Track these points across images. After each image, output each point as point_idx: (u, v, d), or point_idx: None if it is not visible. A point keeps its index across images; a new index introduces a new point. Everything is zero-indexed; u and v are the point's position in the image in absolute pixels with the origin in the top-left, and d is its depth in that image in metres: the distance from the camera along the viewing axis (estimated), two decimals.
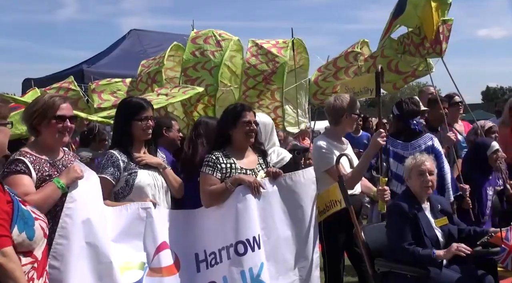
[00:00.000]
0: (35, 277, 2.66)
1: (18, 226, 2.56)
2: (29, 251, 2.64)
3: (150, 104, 4.14)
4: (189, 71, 6.77)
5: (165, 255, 3.80)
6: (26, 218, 2.62)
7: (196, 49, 6.86)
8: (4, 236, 2.47)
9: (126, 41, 13.27)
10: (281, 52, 7.01)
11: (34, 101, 3.44)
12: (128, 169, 3.91)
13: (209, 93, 6.68)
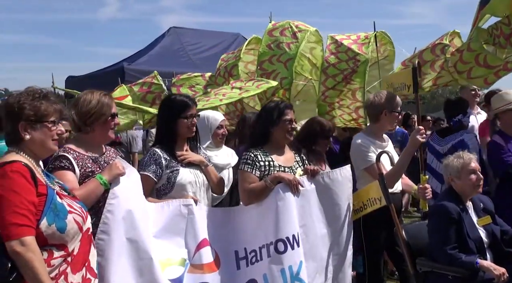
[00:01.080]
0: (69, 271, 2.70)
1: (47, 218, 2.61)
2: (62, 244, 2.69)
3: (194, 101, 4.16)
4: (265, 64, 6.60)
5: (205, 252, 3.82)
6: (58, 210, 2.66)
7: (272, 41, 6.67)
8: (25, 226, 2.52)
9: (166, 38, 13.42)
10: (362, 49, 6.65)
11: (84, 100, 3.48)
12: (170, 167, 3.94)
13: (283, 86, 6.45)
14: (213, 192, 4.26)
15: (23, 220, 2.52)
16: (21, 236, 2.50)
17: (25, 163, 2.65)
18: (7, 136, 2.79)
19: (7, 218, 2.50)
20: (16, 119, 2.71)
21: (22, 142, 2.73)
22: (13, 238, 2.49)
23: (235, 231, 4.06)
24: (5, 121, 2.75)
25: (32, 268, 2.50)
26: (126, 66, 11.51)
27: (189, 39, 13.57)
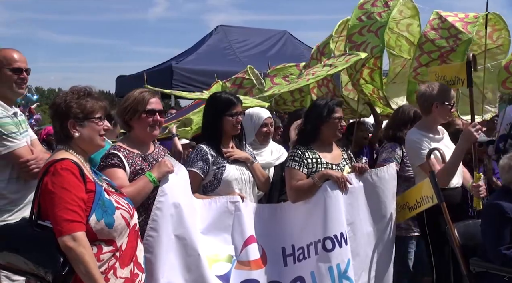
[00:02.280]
0: (118, 266, 2.76)
1: (96, 214, 2.68)
2: (110, 240, 2.75)
3: (239, 99, 4.17)
4: (355, 36, 6.28)
5: (252, 248, 3.84)
6: (106, 207, 2.73)
7: (363, 13, 6.32)
8: (76, 222, 2.59)
9: (213, 37, 13.53)
10: (467, 28, 6.00)
11: (126, 97, 3.57)
12: (217, 163, 3.97)
13: (374, 55, 6.05)
14: (259, 190, 4.27)
15: (74, 216, 2.59)
16: (72, 232, 2.57)
17: (74, 161, 2.72)
18: (56, 135, 2.88)
19: (59, 215, 2.58)
20: (64, 118, 2.78)
21: (71, 140, 2.81)
22: (65, 233, 2.56)
23: (282, 228, 4.06)
24: (54, 121, 2.84)
25: (83, 263, 2.57)
26: (174, 65, 11.66)
27: (236, 37, 13.63)
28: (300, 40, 14.75)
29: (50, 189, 2.62)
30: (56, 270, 2.55)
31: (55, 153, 2.83)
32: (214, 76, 11.50)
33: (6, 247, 2.63)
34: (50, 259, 2.56)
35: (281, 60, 12.72)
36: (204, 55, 12.66)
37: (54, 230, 2.59)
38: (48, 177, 2.65)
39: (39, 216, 2.68)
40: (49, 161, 2.73)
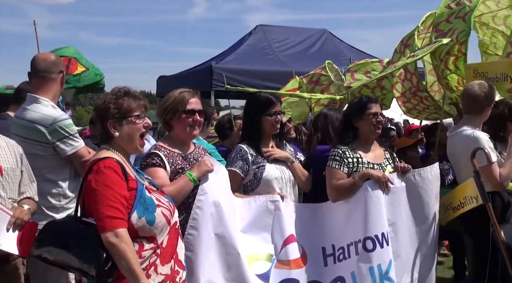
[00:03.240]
0: (158, 263, 2.81)
1: (137, 211, 2.73)
2: (151, 237, 2.80)
3: (279, 98, 4.16)
4: (441, 25, 5.94)
5: (292, 248, 3.83)
6: (147, 204, 2.78)
7: (451, 1, 6.02)
8: (118, 219, 2.65)
9: (252, 36, 13.54)
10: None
11: (166, 97, 3.62)
12: (256, 163, 3.97)
13: (459, 40, 5.64)
14: (300, 189, 4.24)
15: (116, 213, 2.65)
16: (115, 228, 2.63)
17: (116, 159, 2.79)
18: (99, 136, 2.98)
19: (102, 211, 2.65)
20: (104, 119, 2.87)
21: (112, 139, 2.88)
22: (108, 230, 2.62)
23: (323, 227, 4.03)
24: (96, 122, 2.96)
25: (126, 258, 2.62)
26: (214, 65, 11.73)
27: (276, 37, 13.61)
28: (340, 39, 14.63)
29: (94, 187, 2.69)
30: (99, 266, 2.61)
31: (98, 152, 2.91)
32: (254, 75, 11.56)
33: (53, 243, 2.72)
34: (93, 254, 2.63)
35: (320, 59, 12.62)
36: (243, 55, 12.69)
37: (97, 226, 2.66)
38: (91, 175, 2.72)
39: (83, 213, 2.76)
40: (93, 160, 2.81)
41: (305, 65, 12.18)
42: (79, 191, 2.80)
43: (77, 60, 6.81)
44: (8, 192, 3.26)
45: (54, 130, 3.68)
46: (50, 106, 3.77)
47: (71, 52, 6.83)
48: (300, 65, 12.20)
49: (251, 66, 11.94)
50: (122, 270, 2.64)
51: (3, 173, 3.24)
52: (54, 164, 3.74)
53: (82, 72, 6.76)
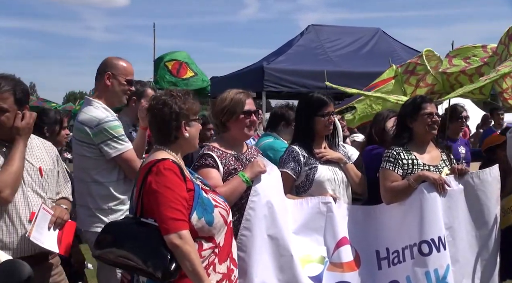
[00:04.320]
0: (216, 262, 2.85)
1: (197, 212, 2.77)
2: (210, 237, 2.84)
3: (331, 99, 4.12)
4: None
5: (345, 250, 3.78)
6: (206, 205, 2.82)
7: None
8: (181, 220, 2.69)
9: (304, 37, 13.48)
10: None
11: (221, 99, 3.64)
12: (309, 164, 3.94)
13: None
14: (354, 190, 4.18)
15: (179, 215, 2.69)
16: (178, 230, 2.67)
17: (174, 160, 2.83)
18: (160, 136, 2.96)
19: (164, 213, 2.69)
20: (175, 120, 2.89)
21: (175, 140, 2.92)
22: (172, 231, 2.66)
23: (377, 230, 3.96)
24: (158, 122, 2.93)
25: (190, 260, 2.67)
26: (265, 66, 11.76)
27: (328, 36, 13.49)
28: (394, 38, 14.35)
29: (155, 189, 2.72)
30: (166, 267, 2.65)
31: (153, 153, 2.94)
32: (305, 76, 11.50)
33: (115, 244, 2.76)
34: (158, 256, 2.66)
35: (373, 59, 12.48)
36: (295, 55, 12.66)
37: (160, 228, 2.69)
38: (151, 176, 2.76)
39: (142, 214, 2.80)
40: (151, 161, 2.83)
41: (357, 65, 12.05)
42: (137, 192, 2.83)
43: (188, 65, 7.09)
44: (47, 192, 3.34)
45: (98, 132, 3.72)
46: (100, 108, 3.83)
47: (183, 56, 7.13)
48: (352, 65, 12.07)
49: (303, 66, 11.89)
50: (185, 271, 2.69)
51: (42, 174, 3.31)
52: (101, 165, 3.77)
53: (191, 77, 7.03)
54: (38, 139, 3.47)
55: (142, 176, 2.81)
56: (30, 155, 3.28)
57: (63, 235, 3.31)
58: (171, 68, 7.06)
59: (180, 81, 6.94)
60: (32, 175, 3.24)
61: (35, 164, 3.28)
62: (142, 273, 2.73)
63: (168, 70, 7.05)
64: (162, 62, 7.13)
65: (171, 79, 7.00)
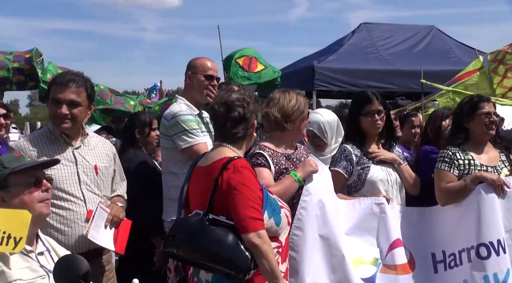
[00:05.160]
0: (280, 261, 2.88)
1: (267, 212, 2.81)
2: (275, 236, 2.87)
3: (378, 97, 4.01)
4: None
5: (399, 252, 3.71)
6: (274, 205, 2.86)
7: None
8: (259, 220, 2.72)
9: (356, 35, 13.30)
10: None
11: (284, 98, 3.59)
12: (361, 164, 3.89)
13: None
14: (408, 192, 4.08)
15: (257, 214, 2.73)
16: (258, 230, 2.70)
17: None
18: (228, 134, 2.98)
19: (244, 212, 2.71)
20: (250, 120, 2.97)
21: (244, 138, 2.98)
22: (251, 231, 2.69)
23: (432, 232, 3.87)
24: (237, 121, 2.96)
25: (268, 259, 2.70)
26: (316, 65, 11.66)
27: (380, 34, 13.23)
28: (449, 35, 13.95)
29: (233, 186, 2.74)
30: (248, 266, 2.68)
31: (219, 148, 2.95)
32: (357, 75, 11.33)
33: (188, 242, 2.77)
34: (239, 256, 2.69)
35: (427, 57, 12.17)
36: (346, 54, 12.49)
37: (238, 226, 2.71)
38: (228, 173, 2.78)
39: (209, 211, 2.80)
40: (223, 158, 2.85)
41: (411, 63, 11.78)
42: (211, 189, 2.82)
43: (257, 59, 7.35)
44: (102, 190, 3.42)
45: (173, 124, 3.89)
46: (182, 104, 4.03)
47: (251, 52, 7.42)
48: (405, 64, 11.82)
49: (354, 65, 11.72)
50: (262, 270, 2.71)
51: (98, 172, 3.39)
52: (177, 157, 3.94)
53: (262, 70, 7.26)
54: (96, 137, 3.58)
55: (216, 173, 2.80)
56: (87, 153, 3.38)
57: (119, 233, 3.38)
58: (242, 64, 7.28)
59: (252, 75, 7.19)
60: (87, 173, 3.34)
61: (91, 162, 3.37)
62: (218, 272, 2.74)
63: (239, 66, 7.27)
64: (233, 60, 7.32)
65: (244, 74, 7.20)
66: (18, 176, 2.49)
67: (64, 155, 3.30)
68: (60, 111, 3.23)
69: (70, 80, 3.26)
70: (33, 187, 2.50)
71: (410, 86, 11.30)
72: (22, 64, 7.28)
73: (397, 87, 11.47)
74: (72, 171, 3.29)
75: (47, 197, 2.54)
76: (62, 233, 3.21)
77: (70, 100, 3.25)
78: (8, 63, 7.30)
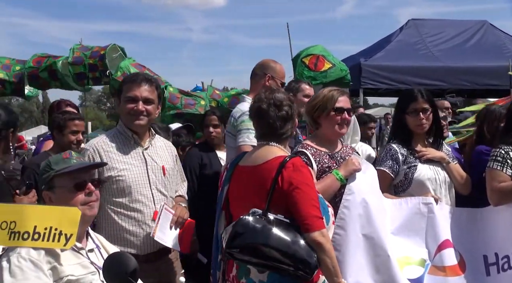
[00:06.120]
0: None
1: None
2: None
3: (425, 95, 3.89)
4: None
5: (448, 253, 3.60)
6: (323, 204, 2.86)
7: None
8: (321, 218, 2.74)
9: (404, 31, 13.06)
10: None
11: (315, 95, 3.65)
12: (408, 163, 3.80)
13: None
14: (458, 191, 3.97)
15: (319, 213, 2.75)
16: (321, 228, 2.72)
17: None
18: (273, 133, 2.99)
19: (307, 211, 2.72)
20: (292, 118, 2.98)
21: (284, 139, 2.99)
22: (316, 229, 2.71)
23: (484, 234, 3.73)
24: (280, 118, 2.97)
25: (331, 257, 2.73)
26: (362, 62, 11.52)
27: (429, 30, 12.92)
28: (502, 31, 13.48)
29: (296, 185, 2.75)
30: (316, 264, 2.70)
31: (267, 148, 2.96)
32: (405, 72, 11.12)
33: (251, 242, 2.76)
34: (307, 253, 2.69)
35: (479, 53, 11.82)
36: (393, 51, 12.28)
37: (302, 225, 2.72)
38: (288, 172, 2.78)
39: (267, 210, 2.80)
40: (278, 157, 2.86)
41: (461, 59, 11.49)
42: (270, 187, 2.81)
43: (325, 57, 7.34)
44: (169, 191, 3.48)
45: (239, 123, 3.94)
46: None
47: (319, 50, 7.40)
48: (456, 60, 11.53)
49: (402, 62, 11.51)
50: (324, 268, 2.73)
51: (165, 173, 3.45)
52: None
53: (329, 69, 7.25)
54: (160, 139, 3.65)
55: (274, 172, 2.80)
56: (155, 154, 3.46)
57: (184, 233, 3.43)
58: (308, 63, 7.25)
59: (318, 74, 7.14)
60: (156, 174, 3.40)
61: (159, 163, 3.44)
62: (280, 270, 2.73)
63: (305, 65, 7.25)
64: (299, 59, 7.31)
65: (310, 74, 7.16)
66: (62, 178, 2.55)
67: (135, 155, 3.38)
68: (137, 108, 3.33)
69: (144, 79, 3.40)
70: (75, 190, 2.55)
71: (461, 83, 11.03)
72: (96, 60, 7.48)
73: (447, 84, 11.21)
74: (143, 172, 3.36)
75: (90, 200, 2.57)
76: (134, 234, 3.28)
77: (146, 98, 3.36)
78: (84, 59, 7.51)
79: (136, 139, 3.41)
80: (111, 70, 7.18)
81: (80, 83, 7.75)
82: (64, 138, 4.40)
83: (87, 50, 7.56)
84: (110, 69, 7.17)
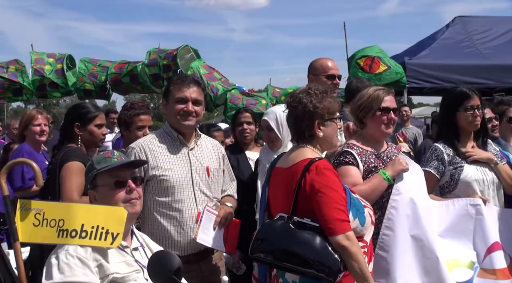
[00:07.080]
0: (366, 261, 2.81)
1: (352, 212, 2.76)
2: (360, 236, 2.82)
3: (477, 93, 3.85)
4: None
5: (498, 256, 3.52)
6: (357, 205, 2.81)
7: None
8: (346, 221, 2.69)
9: (449, 29, 12.74)
10: None
11: (360, 95, 3.60)
12: (454, 163, 3.74)
13: None
14: (508, 193, 3.86)
15: (344, 216, 2.70)
16: (346, 231, 2.68)
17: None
18: (298, 134, 2.97)
19: (331, 214, 2.69)
20: (311, 118, 2.89)
21: (313, 139, 2.92)
22: (340, 233, 2.66)
23: None
24: (299, 120, 2.93)
25: (357, 261, 2.67)
26: (407, 61, 11.30)
27: (476, 28, 12.56)
28: None
29: (318, 189, 2.72)
30: (338, 268, 2.66)
31: (300, 149, 2.92)
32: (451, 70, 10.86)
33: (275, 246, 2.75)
34: (330, 259, 2.67)
35: None
36: (439, 49, 11.98)
37: (325, 229, 2.69)
38: (311, 175, 2.75)
39: (293, 213, 2.79)
40: (305, 159, 2.82)
41: (511, 57, 11.12)
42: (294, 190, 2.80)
43: (380, 59, 7.22)
44: (212, 192, 3.51)
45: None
46: None
47: (376, 51, 7.28)
48: (505, 58, 11.17)
49: (448, 60, 11.22)
50: (352, 272, 2.69)
51: (209, 174, 3.48)
52: None
53: (384, 71, 7.13)
54: (207, 139, 3.69)
55: (299, 175, 2.78)
56: (199, 154, 3.50)
57: (229, 234, 3.44)
58: (363, 65, 7.14)
59: (372, 77, 7.00)
60: (200, 175, 3.45)
61: (204, 164, 3.48)
62: (304, 274, 2.72)
63: (360, 67, 7.15)
64: (354, 60, 7.22)
65: (364, 75, 7.04)
66: (103, 176, 2.61)
67: (181, 156, 3.43)
68: (188, 108, 3.41)
69: (192, 81, 3.49)
70: (115, 187, 2.60)
71: (510, 81, 10.67)
72: (170, 61, 7.65)
73: (495, 82, 10.88)
74: (186, 173, 3.40)
75: (131, 197, 2.62)
76: (175, 234, 3.33)
77: (195, 99, 3.44)
78: (159, 60, 7.71)
79: (181, 140, 3.47)
80: (183, 70, 7.27)
81: (157, 84, 7.91)
82: (131, 134, 4.42)
83: (162, 52, 7.74)
84: (181, 69, 7.27)
